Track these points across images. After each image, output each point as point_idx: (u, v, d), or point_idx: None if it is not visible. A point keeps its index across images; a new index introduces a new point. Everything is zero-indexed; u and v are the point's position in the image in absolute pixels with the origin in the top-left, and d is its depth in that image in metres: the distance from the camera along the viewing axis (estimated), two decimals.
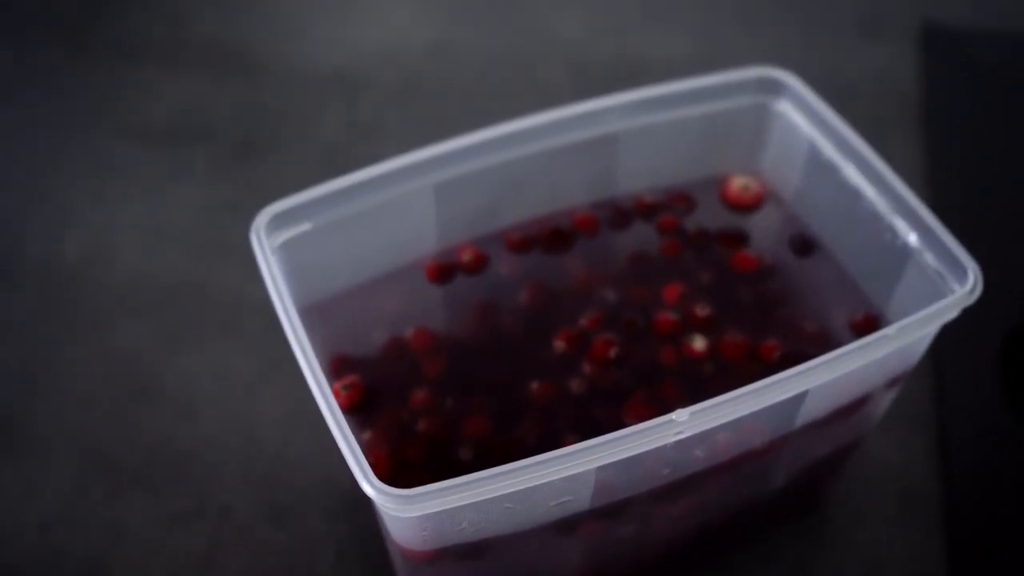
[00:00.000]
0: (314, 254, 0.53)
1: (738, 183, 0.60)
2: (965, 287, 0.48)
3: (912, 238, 0.52)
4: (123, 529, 0.59)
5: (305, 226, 0.52)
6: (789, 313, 0.56)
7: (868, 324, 0.54)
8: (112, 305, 0.68)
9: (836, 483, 0.60)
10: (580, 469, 0.43)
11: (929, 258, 0.51)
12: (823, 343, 0.55)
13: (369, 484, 0.42)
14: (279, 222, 0.51)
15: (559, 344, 0.54)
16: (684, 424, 0.44)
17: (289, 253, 0.52)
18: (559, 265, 0.58)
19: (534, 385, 0.53)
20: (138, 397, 0.64)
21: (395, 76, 0.83)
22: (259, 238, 0.50)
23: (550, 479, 0.43)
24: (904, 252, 0.52)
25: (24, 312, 0.68)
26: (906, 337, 0.47)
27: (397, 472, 0.50)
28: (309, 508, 0.60)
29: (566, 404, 0.52)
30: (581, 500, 0.46)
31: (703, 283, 0.57)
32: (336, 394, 0.51)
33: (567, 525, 0.48)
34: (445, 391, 0.53)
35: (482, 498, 0.42)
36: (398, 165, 0.53)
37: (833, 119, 0.55)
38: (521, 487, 0.43)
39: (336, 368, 0.54)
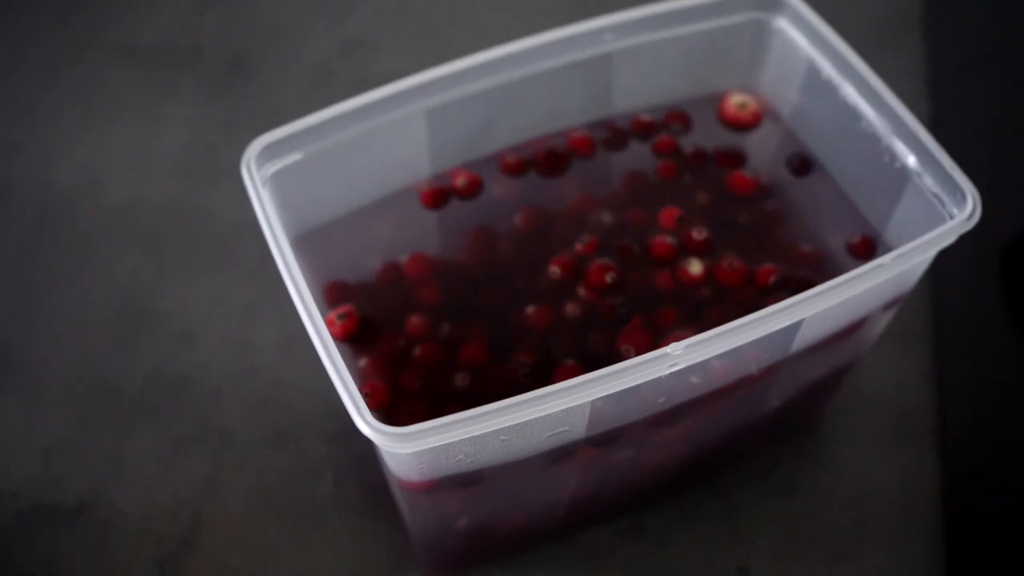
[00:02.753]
0: (307, 183, 0.52)
1: (735, 100, 0.59)
2: (964, 213, 0.48)
3: (911, 160, 0.51)
4: (124, 455, 0.59)
5: (296, 156, 0.52)
6: (786, 234, 0.56)
7: (865, 246, 0.54)
8: (106, 232, 0.68)
9: (831, 401, 0.60)
10: (575, 403, 0.43)
11: (928, 181, 0.50)
12: (820, 264, 0.55)
13: (365, 422, 0.42)
14: (270, 153, 0.51)
15: (555, 270, 0.54)
16: (679, 357, 0.44)
17: (281, 183, 0.51)
18: (555, 188, 0.57)
19: (529, 310, 0.53)
20: (135, 324, 0.64)
21: None
22: (250, 170, 0.50)
23: (545, 413, 0.43)
24: (902, 174, 0.52)
25: (17, 241, 0.68)
26: (902, 265, 0.47)
27: (393, 401, 0.50)
28: (309, 432, 0.60)
29: (561, 329, 0.52)
30: (576, 430, 0.47)
31: (700, 205, 0.56)
32: (331, 324, 0.52)
33: (563, 453, 0.48)
34: (441, 317, 0.53)
35: (477, 433, 0.42)
36: (389, 92, 0.52)
37: (832, 37, 0.54)
38: (516, 422, 0.43)
39: (331, 295, 0.54)
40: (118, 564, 0.56)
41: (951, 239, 0.48)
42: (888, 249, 0.53)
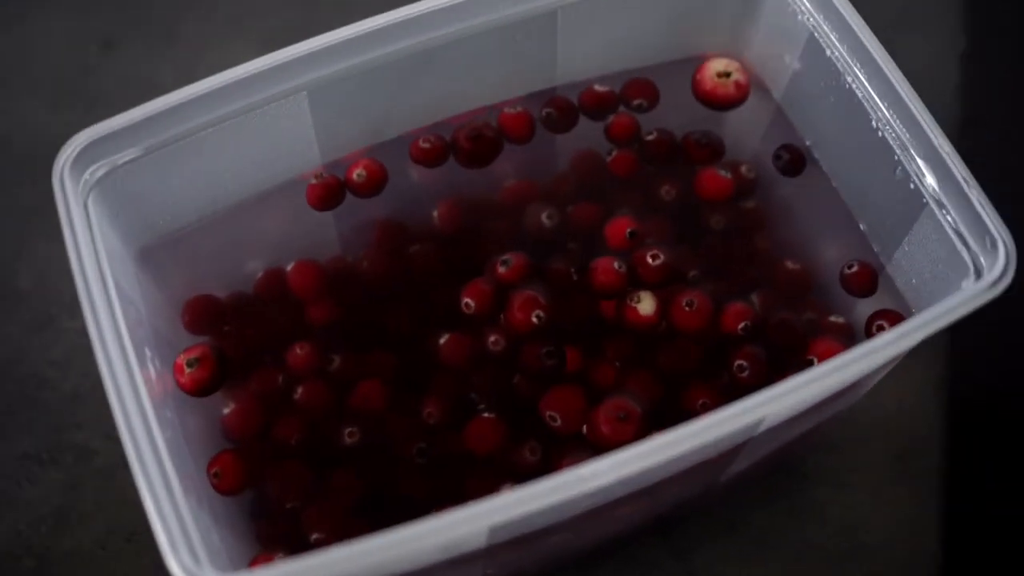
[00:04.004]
0: (156, 181, 0.41)
1: (716, 67, 0.47)
2: (992, 272, 0.36)
3: (929, 183, 0.39)
4: None
5: (134, 151, 0.40)
6: (767, 242, 0.45)
7: (863, 279, 0.43)
8: None
9: (815, 442, 0.50)
10: (464, 532, 0.33)
11: (950, 215, 0.39)
12: (806, 294, 0.44)
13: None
14: (101, 149, 0.39)
15: (468, 302, 0.43)
16: (601, 477, 0.33)
17: (118, 185, 0.40)
18: (484, 174, 0.46)
19: (444, 339, 0.43)
20: None
21: None
22: (62, 181, 0.38)
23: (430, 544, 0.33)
24: (918, 198, 0.40)
25: None
26: (901, 345, 0.36)
27: (252, 474, 0.41)
28: None
29: (482, 364, 0.43)
30: (476, 542, 0.37)
31: (662, 203, 0.46)
32: (178, 371, 0.41)
33: (466, 559, 0.38)
34: (332, 345, 0.44)
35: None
36: (258, 68, 0.40)
37: (843, 5, 0.41)
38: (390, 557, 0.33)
39: (194, 316, 0.44)
40: None
41: (969, 308, 0.36)
42: (891, 286, 0.43)
